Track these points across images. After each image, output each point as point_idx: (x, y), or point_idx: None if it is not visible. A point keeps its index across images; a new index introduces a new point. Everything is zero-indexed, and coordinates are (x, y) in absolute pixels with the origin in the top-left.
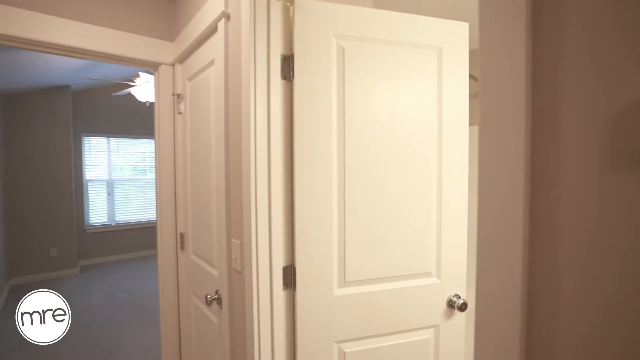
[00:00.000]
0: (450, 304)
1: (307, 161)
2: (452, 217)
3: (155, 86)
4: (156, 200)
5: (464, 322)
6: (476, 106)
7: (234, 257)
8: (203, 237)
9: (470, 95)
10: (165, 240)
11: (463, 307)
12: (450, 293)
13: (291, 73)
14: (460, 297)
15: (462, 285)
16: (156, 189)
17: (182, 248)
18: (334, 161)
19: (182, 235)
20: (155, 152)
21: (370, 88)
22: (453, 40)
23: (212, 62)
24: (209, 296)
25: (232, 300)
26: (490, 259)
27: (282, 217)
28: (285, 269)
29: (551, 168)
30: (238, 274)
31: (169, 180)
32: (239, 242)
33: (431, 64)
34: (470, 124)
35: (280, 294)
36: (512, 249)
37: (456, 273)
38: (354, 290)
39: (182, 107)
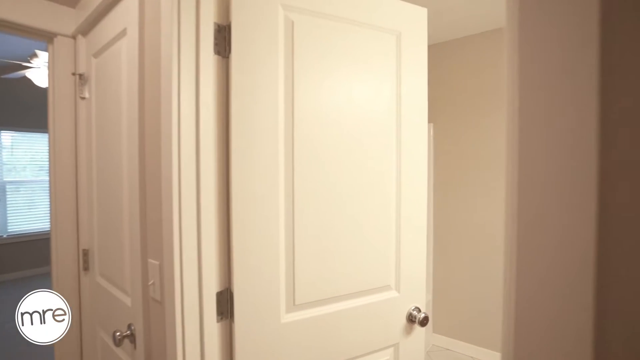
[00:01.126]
0: (411, 319)
1: (248, 160)
2: (411, 223)
3: (49, 63)
4: (50, 208)
5: (423, 338)
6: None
7: (151, 282)
8: (113, 255)
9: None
10: (62, 258)
11: (424, 322)
12: (410, 306)
13: (227, 47)
14: (420, 311)
15: (422, 297)
16: (50, 193)
17: (86, 268)
18: (281, 160)
19: (85, 252)
20: (50, 147)
21: (323, 74)
22: (412, 26)
23: (123, 33)
24: (117, 333)
25: (149, 337)
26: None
27: (216, 230)
28: (219, 295)
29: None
30: (157, 303)
31: (69, 183)
32: (157, 262)
33: (390, 50)
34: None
35: (213, 327)
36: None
37: (416, 284)
38: (305, 314)
39: (86, 90)
